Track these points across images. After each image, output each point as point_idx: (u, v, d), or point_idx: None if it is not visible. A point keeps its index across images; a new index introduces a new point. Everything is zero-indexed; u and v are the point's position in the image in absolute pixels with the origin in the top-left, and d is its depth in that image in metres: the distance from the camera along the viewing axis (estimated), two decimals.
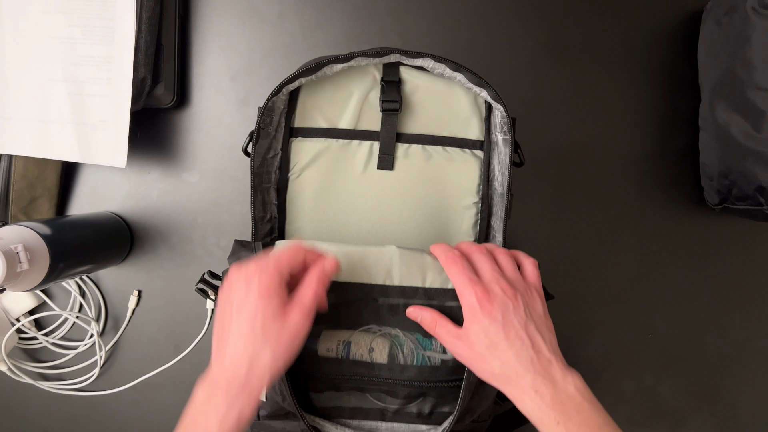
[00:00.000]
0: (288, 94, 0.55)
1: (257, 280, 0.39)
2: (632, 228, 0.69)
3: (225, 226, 0.68)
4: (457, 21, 0.68)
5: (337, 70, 0.53)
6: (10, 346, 0.66)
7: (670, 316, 0.70)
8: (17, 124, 0.62)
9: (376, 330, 0.47)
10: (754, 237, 0.70)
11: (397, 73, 0.55)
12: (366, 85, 0.55)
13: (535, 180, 0.67)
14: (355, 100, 0.55)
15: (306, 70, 0.51)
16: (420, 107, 0.56)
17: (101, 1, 0.60)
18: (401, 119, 0.56)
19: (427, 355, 0.47)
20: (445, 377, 0.47)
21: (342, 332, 0.47)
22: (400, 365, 0.47)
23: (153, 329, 0.69)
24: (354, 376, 0.47)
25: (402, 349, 0.47)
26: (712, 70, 0.63)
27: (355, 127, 0.56)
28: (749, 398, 0.71)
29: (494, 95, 0.52)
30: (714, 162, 0.64)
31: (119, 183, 0.68)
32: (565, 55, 0.68)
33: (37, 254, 0.52)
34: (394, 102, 0.54)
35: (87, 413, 0.69)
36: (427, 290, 0.46)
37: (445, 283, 0.47)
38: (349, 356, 0.47)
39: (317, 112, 0.56)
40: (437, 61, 0.52)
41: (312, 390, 0.49)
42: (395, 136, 0.55)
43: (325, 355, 0.47)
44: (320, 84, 0.55)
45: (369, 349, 0.47)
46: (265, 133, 0.54)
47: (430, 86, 0.56)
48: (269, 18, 0.68)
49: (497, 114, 0.55)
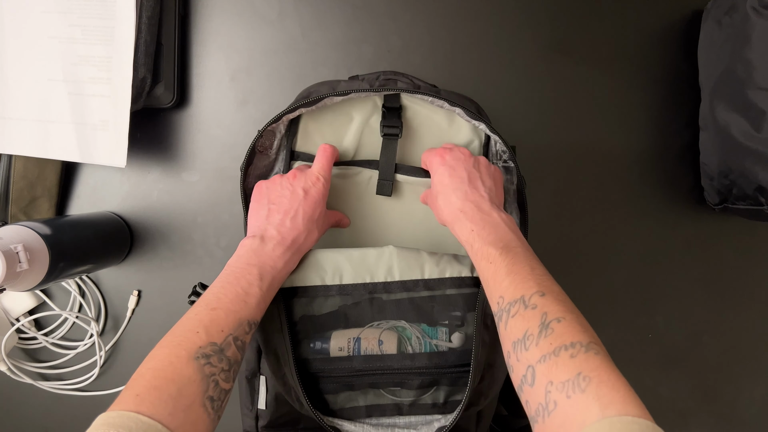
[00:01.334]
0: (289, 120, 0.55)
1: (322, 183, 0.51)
2: (632, 228, 0.69)
3: (225, 226, 0.68)
4: (456, 21, 0.68)
5: (337, 101, 0.53)
6: (10, 346, 0.66)
7: (670, 316, 0.70)
8: (17, 124, 0.62)
9: (383, 325, 0.49)
10: (754, 237, 0.70)
11: (398, 100, 0.55)
12: (367, 111, 0.56)
13: (535, 180, 0.67)
14: (355, 125, 0.56)
15: (306, 103, 0.51)
16: (420, 133, 0.57)
17: (101, 1, 0.60)
18: (402, 145, 0.56)
19: (434, 343, 0.49)
20: (454, 362, 0.48)
21: (351, 331, 0.49)
22: (409, 354, 0.48)
23: (153, 329, 0.69)
24: (367, 370, 0.48)
25: (410, 340, 0.49)
26: (712, 70, 0.63)
27: (355, 151, 0.56)
28: (749, 398, 0.71)
29: (491, 128, 0.53)
30: (714, 162, 0.64)
31: (119, 183, 0.68)
32: (565, 55, 0.68)
33: (37, 254, 0.52)
34: (394, 128, 0.55)
35: (87, 413, 0.69)
36: (426, 281, 0.49)
37: (442, 273, 0.49)
38: (360, 352, 0.49)
39: (319, 136, 0.56)
40: (435, 97, 0.52)
41: (327, 393, 0.50)
42: (395, 162, 0.56)
43: (338, 355, 0.49)
44: (321, 109, 0.55)
45: (378, 342, 0.49)
46: (264, 156, 0.55)
47: (430, 114, 0.56)
48: (269, 18, 0.68)
49: (495, 144, 0.56)
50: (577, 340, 0.35)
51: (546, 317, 0.37)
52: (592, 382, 0.33)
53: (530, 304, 0.39)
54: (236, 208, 0.68)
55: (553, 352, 0.35)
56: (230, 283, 0.44)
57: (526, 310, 0.39)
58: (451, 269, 0.50)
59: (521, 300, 0.39)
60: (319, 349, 0.49)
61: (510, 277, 0.41)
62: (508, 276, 0.41)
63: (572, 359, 0.34)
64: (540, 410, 0.34)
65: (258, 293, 0.44)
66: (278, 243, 0.47)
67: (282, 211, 0.49)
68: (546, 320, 0.37)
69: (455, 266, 0.50)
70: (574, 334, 0.36)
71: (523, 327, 0.38)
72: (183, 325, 0.41)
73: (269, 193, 0.50)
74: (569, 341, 0.35)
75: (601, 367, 0.34)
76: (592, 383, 0.33)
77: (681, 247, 0.70)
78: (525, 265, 0.42)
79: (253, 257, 0.46)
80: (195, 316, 0.41)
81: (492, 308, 0.43)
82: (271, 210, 0.49)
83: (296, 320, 0.49)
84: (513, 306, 0.40)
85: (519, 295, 0.40)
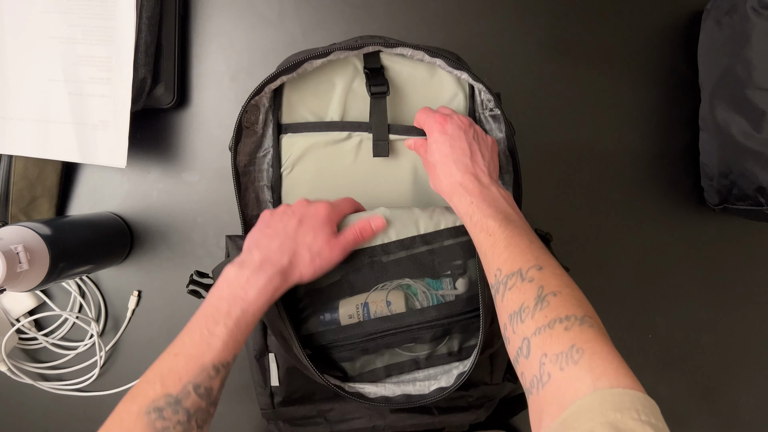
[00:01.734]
0: (272, 92, 0.55)
1: (326, 210, 0.48)
2: (632, 228, 0.69)
3: (225, 226, 0.68)
4: (456, 21, 0.68)
5: (317, 65, 0.53)
6: (10, 346, 0.66)
7: (670, 316, 0.70)
8: (17, 124, 0.62)
9: (387, 286, 0.50)
10: (754, 237, 0.70)
11: (378, 60, 0.56)
12: (348, 76, 0.56)
13: (535, 180, 0.67)
14: (339, 91, 0.56)
15: (286, 68, 0.51)
16: (405, 92, 0.57)
17: (101, 1, 0.60)
18: (388, 105, 0.56)
19: (440, 294, 0.50)
20: (462, 309, 0.50)
21: (357, 297, 0.50)
22: (418, 309, 0.49)
23: (153, 329, 0.69)
24: (379, 332, 0.49)
25: (416, 296, 0.50)
26: (712, 70, 0.63)
27: (342, 118, 0.56)
28: (749, 398, 0.71)
29: (473, 76, 0.53)
30: (714, 162, 0.64)
31: (119, 183, 0.68)
32: (565, 55, 0.68)
33: (37, 254, 0.52)
34: (381, 86, 0.55)
35: (87, 413, 0.69)
36: (423, 236, 0.50)
37: (437, 226, 0.50)
38: (370, 315, 0.49)
39: (303, 107, 0.56)
40: (415, 49, 0.52)
41: (344, 360, 0.51)
42: (387, 122, 0.56)
43: (348, 323, 0.49)
44: (303, 79, 0.55)
45: (386, 303, 0.49)
46: (250, 131, 0.54)
47: (412, 71, 0.56)
48: (269, 18, 0.68)
49: (480, 93, 0.56)
50: (572, 313, 0.36)
51: (542, 290, 0.38)
52: (584, 354, 0.33)
53: (527, 277, 0.39)
54: (236, 208, 0.67)
55: (548, 325, 0.36)
56: (197, 322, 0.42)
57: (522, 283, 0.39)
58: (445, 221, 0.51)
59: (518, 273, 0.40)
60: (329, 320, 0.49)
61: (508, 250, 0.41)
62: (506, 249, 0.42)
63: (566, 332, 0.35)
64: (534, 382, 0.35)
65: (224, 332, 0.41)
66: (256, 269, 0.44)
67: (271, 234, 0.47)
68: (542, 293, 0.37)
69: (449, 217, 0.51)
70: (569, 307, 0.36)
71: (520, 299, 0.38)
72: (145, 374, 0.40)
73: (270, 219, 0.48)
74: (564, 314, 0.36)
75: (595, 340, 0.34)
76: (584, 355, 0.33)
77: (681, 247, 0.70)
78: (523, 238, 0.42)
79: (225, 289, 0.43)
80: (157, 365, 0.41)
81: (489, 280, 0.43)
82: (264, 233, 0.47)
83: (300, 296, 0.50)
84: (510, 278, 0.40)
85: (516, 267, 0.40)
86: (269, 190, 0.57)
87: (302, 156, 0.56)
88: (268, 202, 0.57)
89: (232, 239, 0.52)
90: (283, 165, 0.56)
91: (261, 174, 0.57)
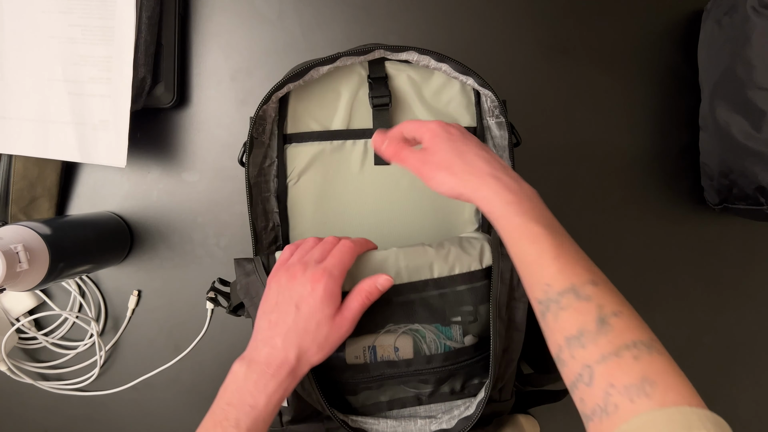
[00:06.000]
0: (278, 102, 0.55)
1: (323, 285, 0.43)
2: (632, 228, 0.69)
3: (225, 226, 0.68)
4: (456, 22, 0.68)
5: (323, 72, 0.53)
6: (10, 346, 0.66)
7: (670, 316, 0.70)
8: (17, 124, 0.62)
9: (396, 329, 0.48)
10: (754, 237, 0.70)
11: (383, 69, 0.55)
12: (353, 84, 0.55)
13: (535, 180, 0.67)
14: (344, 101, 0.55)
15: (293, 76, 0.51)
16: (409, 101, 0.56)
17: (101, 1, 0.60)
18: (393, 114, 0.56)
19: (448, 344, 0.49)
20: (470, 356, 0.49)
21: (365, 338, 0.48)
22: (426, 356, 0.48)
23: (153, 329, 0.69)
24: (385, 376, 0.49)
25: (425, 341, 0.48)
26: (712, 70, 0.63)
27: (347, 127, 0.56)
28: (749, 398, 0.71)
29: (481, 81, 0.52)
30: (714, 162, 0.64)
31: (119, 183, 0.68)
32: (565, 55, 0.68)
33: (37, 254, 0.52)
34: (383, 97, 0.54)
35: (87, 413, 0.69)
36: (436, 281, 0.48)
37: (452, 270, 0.48)
38: (377, 359, 0.48)
39: (308, 117, 0.56)
40: (421, 54, 0.52)
41: (348, 394, 0.50)
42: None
43: (354, 363, 0.48)
44: (308, 88, 0.55)
45: (394, 349, 0.48)
46: (259, 142, 0.54)
47: (416, 79, 0.56)
48: (269, 18, 0.68)
49: (486, 99, 0.55)
50: (638, 338, 0.34)
51: (602, 311, 0.35)
52: (658, 387, 0.32)
53: (583, 295, 0.36)
54: (236, 208, 0.68)
55: (614, 353, 0.33)
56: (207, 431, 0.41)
57: (579, 302, 0.36)
58: (460, 265, 0.48)
59: (572, 289, 0.37)
60: (334, 357, 0.48)
61: (558, 261, 0.38)
62: (555, 260, 0.38)
63: (636, 361, 0.33)
64: (597, 411, 0.33)
65: None
66: (263, 372, 0.41)
67: (275, 322, 0.43)
68: (602, 314, 0.35)
69: (464, 259, 0.48)
70: (633, 330, 0.34)
71: (578, 321, 0.36)
72: None
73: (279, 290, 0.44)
74: (630, 340, 0.34)
75: (666, 371, 0.33)
76: (658, 389, 0.32)
77: (681, 247, 0.70)
78: (571, 246, 0.39)
79: (234, 395, 0.41)
80: None
81: (535, 294, 0.39)
82: (270, 321, 0.44)
83: None
84: (563, 296, 0.37)
85: (569, 283, 0.37)
86: (276, 200, 0.57)
87: (308, 167, 0.56)
88: (275, 212, 0.57)
89: (240, 264, 0.49)
90: (288, 176, 0.56)
91: (267, 185, 0.57)
